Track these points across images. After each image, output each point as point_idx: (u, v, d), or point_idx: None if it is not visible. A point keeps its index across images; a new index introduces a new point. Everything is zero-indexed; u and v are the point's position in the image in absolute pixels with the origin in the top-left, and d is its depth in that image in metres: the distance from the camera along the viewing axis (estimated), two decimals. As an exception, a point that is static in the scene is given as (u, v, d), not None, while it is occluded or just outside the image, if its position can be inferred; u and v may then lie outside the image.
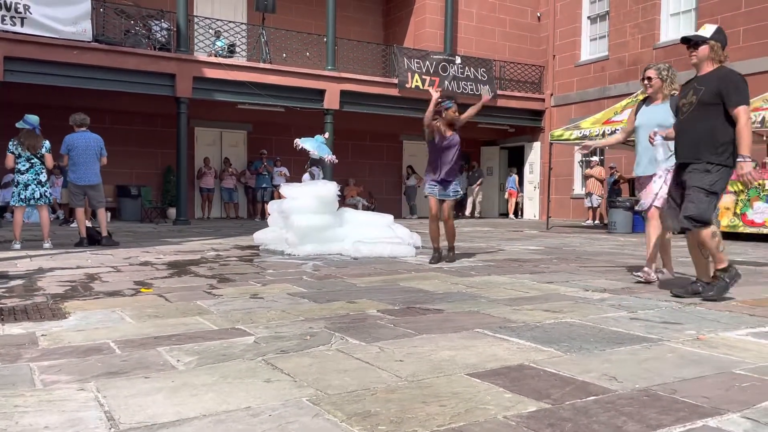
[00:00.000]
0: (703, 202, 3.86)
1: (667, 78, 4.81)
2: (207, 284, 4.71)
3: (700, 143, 3.92)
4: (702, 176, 3.89)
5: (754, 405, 1.98)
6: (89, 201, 8.24)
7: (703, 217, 3.86)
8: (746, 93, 3.84)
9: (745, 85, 3.86)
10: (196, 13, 16.12)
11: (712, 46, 3.97)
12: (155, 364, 2.46)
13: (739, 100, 3.82)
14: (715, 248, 3.93)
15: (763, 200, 9.84)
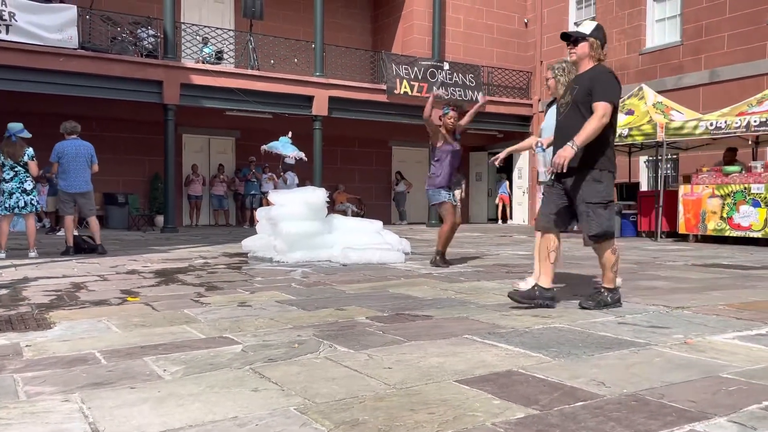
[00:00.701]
0: (602, 215, 3.71)
1: (562, 76, 4.53)
2: (194, 292, 4.67)
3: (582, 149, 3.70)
4: (593, 187, 3.71)
5: (740, 409, 1.99)
6: (80, 209, 8.16)
7: (608, 231, 3.74)
8: (613, 92, 3.68)
9: (615, 85, 3.72)
10: (183, 19, 16.07)
11: (591, 43, 3.80)
12: (141, 374, 2.43)
13: (600, 95, 3.65)
14: (610, 266, 3.81)
15: (749, 204, 9.93)
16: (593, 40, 3.79)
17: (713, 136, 10.64)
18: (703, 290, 4.76)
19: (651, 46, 15.83)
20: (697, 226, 10.65)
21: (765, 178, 9.81)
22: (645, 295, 4.48)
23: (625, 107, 12.40)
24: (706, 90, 14.32)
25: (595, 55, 3.81)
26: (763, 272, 6.04)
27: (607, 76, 3.73)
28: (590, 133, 3.59)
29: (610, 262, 3.80)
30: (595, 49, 3.80)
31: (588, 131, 3.59)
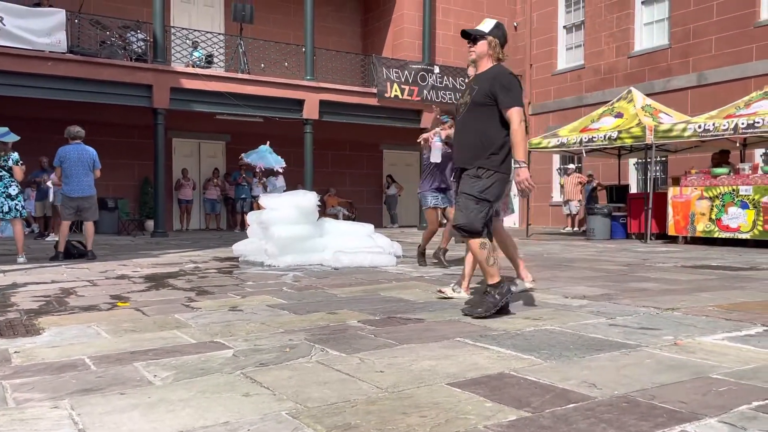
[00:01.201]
0: (472, 210, 3.59)
1: None
2: (185, 297, 4.65)
3: (472, 147, 3.66)
4: (472, 182, 3.62)
5: (731, 409, 2.00)
6: (81, 213, 8.13)
7: (473, 226, 3.59)
8: (518, 93, 3.59)
9: (517, 85, 3.63)
10: (172, 23, 16.03)
11: (490, 41, 3.72)
12: (131, 380, 2.41)
13: (510, 101, 3.56)
14: (484, 260, 3.64)
15: (737, 205, 10.01)
16: (491, 39, 3.72)
17: (701, 138, 10.73)
18: (692, 291, 4.79)
19: (639, 50, 15.96)
20: (686, 227, 10.72)
21: (753, 179, 9.90)
22: (635, 297, 4.50)
23: (614, 110, 12.48)
24: (694, 93, 14.45)
25: (494, 54, 3.73)
26: (751, 273, 6.09)
27: (510, 79, 3.63)
28: (523, 142, 3.54)
29: (483, 256, 3.63)
30: (494, 47, 3.72)
31: (519, 143, 3.54)
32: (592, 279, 5.66)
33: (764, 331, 3.25)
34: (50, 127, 14.54)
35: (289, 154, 17.98)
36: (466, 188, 3.63)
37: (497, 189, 3.63)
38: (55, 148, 8.28)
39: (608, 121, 12.21)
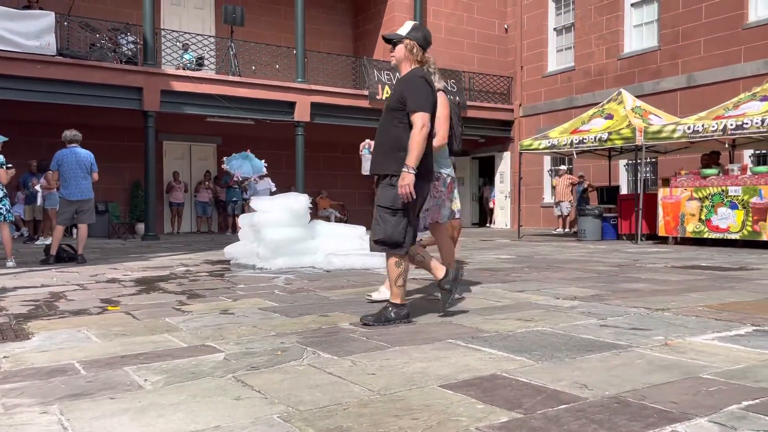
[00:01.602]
0: (389, 222, 3.43)
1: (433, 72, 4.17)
2: (176, 300, 4.63)
3: (386, 153, 3.51)
4: (386, 192, 3.46)
5: (721, 409, 2.01)
6: (78, 216, 8.11)
7: (392, 238, 3.44)
8: (425, 98, 3.43)
9: (425, 89, 3.45)
10: (163, 26, 15.98)
11: (407, 44, 3.57)
12: (122, 385, 2.40)
13: (414, 105, 3.41)
14: (394, 279, 3.50)
15: (726, 206, 10.08)
16: (408, 41, 3.58)
17: (691, 139, 10.80)
18: (682, 292, 4.82)
19: (629, 51, 16.05)
20: (676, 228, 10.79)
21: (742, 180, 9.97)
22: (626, 298, 4.52)
23: (604, 112, 12.55)
24: (684, 94, 14.54)
25: (413, 57, 3.59)
26: (741, 273, 6.13)
27: (418, 82, 3.47)
28: (417, 149, 3.36)
29: (394, 274, 3.49)
30: (411, 50, 3.58)
31: (415, 149, 3.36)
32: (583, 280, 5.69)
33: (754, 331, 3.27)
34: (40, 130, 14.46)
35: (281, 156, 17.99)
36: (380, 200, 3.49)
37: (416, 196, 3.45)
38: (45, 152, 8.25)
39: (598, 122, 12.27)
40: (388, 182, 3.47)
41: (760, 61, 13.07)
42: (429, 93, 3.47)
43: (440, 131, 4.08)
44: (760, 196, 9.65)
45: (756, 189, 9.72)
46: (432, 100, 3.48)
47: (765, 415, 1.95)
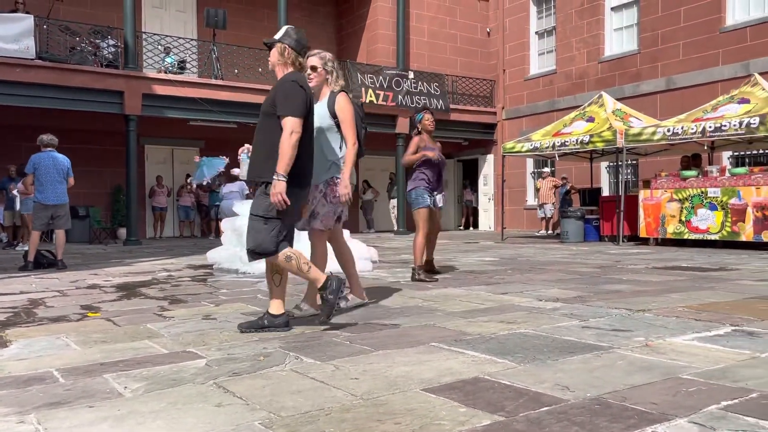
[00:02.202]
0: (260, 231, 3.34)
1: (333, 70, 4.11)
2: (158, 306, 4.58)
3: (261, 159, 3.41)
4: (259, 200, 3.39)
5: (700, 409, 2.03)
6: (54, 221, 7.99)
7: (263, 247, 3.35)
8: (296, 102, 3.32)
9: (297, 95, 3.34)
10: (144, 29, 15.86)
11: (278, 47, 3.52)
12: (101, 392, 2.37)
13: (283, 109, 3.32)
14: (298, 270, 3.41)
15: (706, 207, 10.21)
16: (280, 45, 3.51)
17: (670, 141, 10.93)
18: (663, 292, 4.87)
19: (610, 55, 16.22)
20: (657, 229, 10.90)
21: (721, 182, 10.11)
22: (608, 299, 4.56)
23: (586, 114, 12.66)
24: (663, 97, 14.72)
25: (285, 60, 3.51)
26: (720, 274, 6.21)
27: (289, 86, 3.38)
28: (287, 154, 3.28)
29: (295, 268, 3.42)
30: (282, 53, 3.51)
31: (284, 155, 3.27)
32: (566, 281, 5.72)
33: (733, 331, 3.32)
34: (19, 134, 14.27)
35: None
36: (253, 207, 3.42)
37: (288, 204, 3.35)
38: (24, 156, 8.14)
39: (580, 125, 12.38)
40: (263, 190, 3.38)
41: (738, 64, 13.27)
42: (301, 97, 3.35)
43: (348, 136, 3.97)
44: (739, 197, 9.79)
45: (734, 190, 9.86)
46: (305, 104, 3.36)
47: (743, 415, 1.97)
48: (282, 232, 3.40)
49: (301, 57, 3.58)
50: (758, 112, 9.55)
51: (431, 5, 18.72)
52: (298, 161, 3.38)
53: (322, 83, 4.08)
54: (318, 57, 4.08)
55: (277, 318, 3.50)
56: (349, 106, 4.02)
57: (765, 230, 9.48)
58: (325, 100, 4.05)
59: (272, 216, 3.34)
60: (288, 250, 3.41)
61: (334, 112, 4.00)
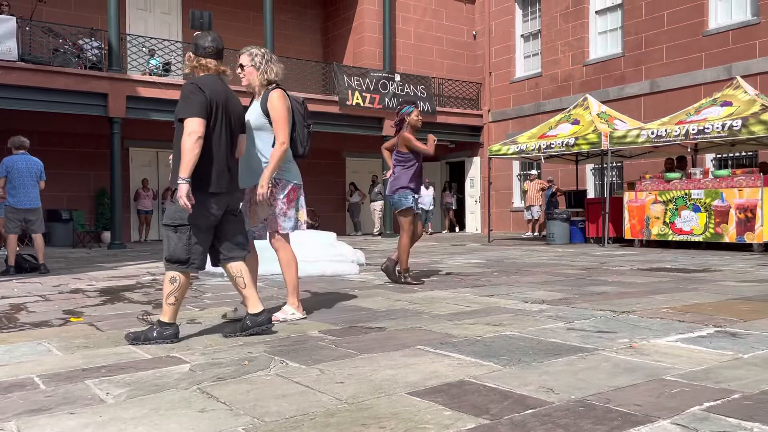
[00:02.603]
0: (171, 239, 3.30)
1: (260, 65, 3.96)
2: (142, 311, 4.54)
3: (175, 167, 3.34)
4: (168, 208, 3.33)
5: (683, 411, 2.04)
6: (28, 226, 7.86)
7: (175, 256, 3.29)
8: (192, 103, 3.26)
9: (194, 94, 3.28)
10: (128, 31, 15.76)
11: (188, 54, 3.51)
12: (82, 399, 2.34)
13: (181, 112, 3.27)
14: (165, 295, 3.32)
15: (690, 209, 10.31)
16: (188, 53, 3.51)
17: (654, 144, 11.02)
18: (647, 294, 4.90)
19: (594, 58, 16.34)
20: (641, 231, 10.99)
21: (704, 184, 10.21)
22: (593, 301, 4.58)
23: (571, 117, 12.75)
24: (647, 100, 14.86)
25: (192, 66, 3.49)
26: (704, 275, 6.26)
27: (186, 89, 3.32)
28: (186, 156, 3.20)
29: (167, 290, 3.32)
30: (190, 59, 3.49)
31: (183, 157, 3.20)
32: (552, 283, 5.75)
33: (716, 332, 3.34)
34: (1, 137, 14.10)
35: (250, 162, 17.83)
36: (164, 218, 3.37)
37: (197, 210, 3.28)
38: (6, 160, 8.01)
39: (565, 127, 12.46)
40: (172, 198, 3.31)
41: (720, 68, 13.43)
42: (198, 97, 3.27)
43: (278, 134, 3.79)
44: (722, 199, 9.89)
45: (717, 192, 9.96)
46: (203, 104, 3.27)
47: (726, 416, 1.99)
48: (193, 240, 3.31)
49: (208, 59, 3.45)
50: (740, 115, 9.66)
51: (417, 8, 18.77)
52: (205, 164, 3.30)
53: (255, 81, 3.95)
54: (246, 54, 3.98)
55: (259, 316, 3.47)
56: (281, 103, 3.82)
57: (747, 231, 9.59)
58: (261, 98, 3.91)
59: (180, 224, 3.28)
60: (184, 272, 3.31)
61: (267, 110, 3.83)
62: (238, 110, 3.56)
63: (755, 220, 9.50)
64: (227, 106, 3.44)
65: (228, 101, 3.46)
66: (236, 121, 3.53)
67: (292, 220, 3.96)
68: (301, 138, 4.02)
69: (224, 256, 3.51)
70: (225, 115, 3.42)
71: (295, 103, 4.02)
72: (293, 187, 3.96)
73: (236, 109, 3.54)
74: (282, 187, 3.90)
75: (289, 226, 3.95)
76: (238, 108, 3.57)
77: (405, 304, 4.59)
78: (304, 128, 4.05)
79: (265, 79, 3.93)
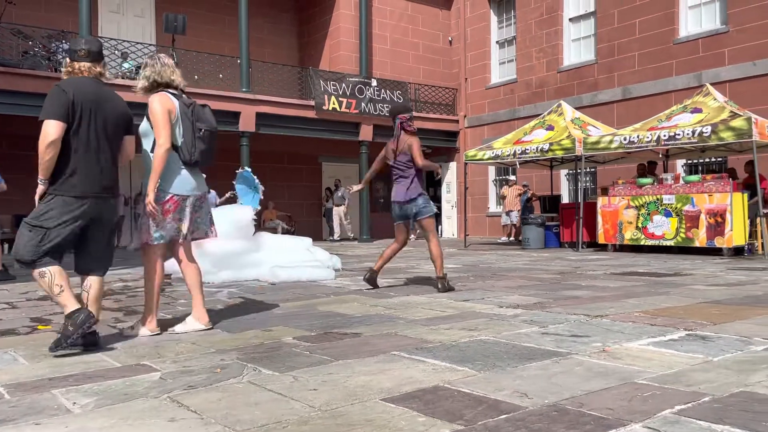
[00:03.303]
0: (22, 237, 3.22)
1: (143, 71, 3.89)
2: (112, 318, 4.46)
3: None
4: (37, 206, 3.28)
5: (654, 414, 2.06)
6: None
7: (20, 254, 3.22)
8: (51, 105, 3.22)
9: (55, 96, 3.25)
10: (100, 34, 15.53)
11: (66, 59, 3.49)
12: (48, 409, 2.28)
13: (42, 114, 3.24)
14: (49, 290, 3.23)
15: (661, 214, 10.47)
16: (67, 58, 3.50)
17: (627, 149, 11.18)
18: (620, 298, 4.95)
19: (568, 65, 16.54)
20: (615, 236, 11.12)
21: (675, 189, 10.38)
22: (567, 305, 4.62)
23: (545, 123, 12.88)
24: (620, 106, 15.07)
25: (66, 71, 3.47)
26: (675, 279, 6.36)
27: (52, 90, 3.30)
28: (40, 158, 3.19)
29: (45, 286, 3.23)
30: (65, 64, 3.48)
31: (41, 158, 3.19)
32: (527, 288, 5.78)
33: (687, 336, 3.39)
34: (-32, 140, 13.77)
35: (225, 167, 17.66)
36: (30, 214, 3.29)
37: (57, 212, 3.21)
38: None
39: (540, 133, 12.58)
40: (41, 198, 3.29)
41: (691, 75, 13.69)
42: (58, 99, 3.23)
43: (156, 137, 3.64)
44: (692, 204, 10.07)
45: (688, 197, 10.13)
46: (63, 106, 3.21)
47: (697, 419, 2.01)
48: (44, 243, 3.21)
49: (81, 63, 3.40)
50: (710, 122, 9.85)
51: (394, 14, 18.81)
52: (68, 166, 3.24)
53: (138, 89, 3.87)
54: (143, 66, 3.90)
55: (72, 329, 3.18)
56: (158, 106, 3.67)
57: (717, 236, 9.76)
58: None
59: (36, 224, 3.21)
60: (46, 267, 3.21)
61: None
62: (117, 112, 3.45)
63: (725, 225, 9.68)
64: (99, 107, 3.34)
65: (101, 102, 3.36)
66: (112, 124, 3.41)
67: (166, 230, 3.73)
68: (188, 144, 3.75)
69: (82, 268, 3.46)
70: (94, 116, 3.31)
71: (183, 106, 3.81)
72: (173, 198, 3.72)
73: (115, 111, 3.43)
74: (158, 197, 3.68)
75: (162, 236, 3.72)
76: (118, 110, 3.47)
77: (381, 310, 4.58)
78: (193, 133, 3.78)
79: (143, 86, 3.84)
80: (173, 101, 3.76)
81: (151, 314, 3.80)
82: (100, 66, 3.47)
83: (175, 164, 3.73)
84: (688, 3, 14.13)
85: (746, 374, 2.55)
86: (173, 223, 3.75)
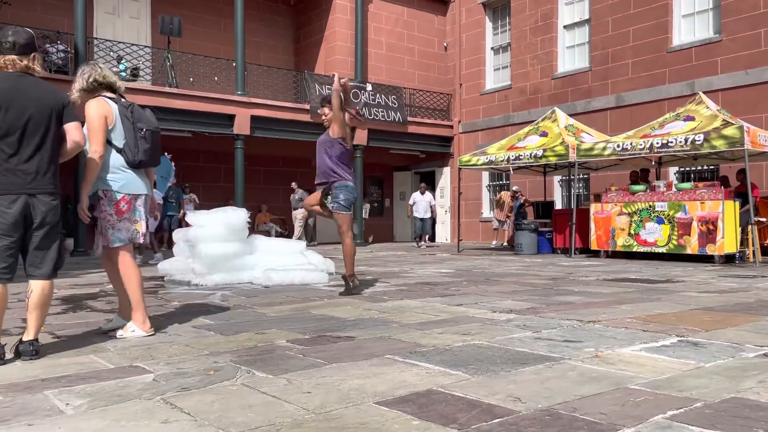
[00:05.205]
0: None
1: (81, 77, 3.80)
2: (105, 319, 4.44)
3: None
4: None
5: (647, 419, 2.07)
6: None
7: None
8: None
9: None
10: (95, 35, 15.49)
11: None
12: (41, 410, 2.27)
13: None
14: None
15: (654, 221, 10.52)
16: None
17: (620, 156, 11.24)
18: (613, 304, 4.97)
19: (562, 71, 16.62)
20: (607, 242, 11.17)
21: (668, 196, 10.44)
22: (560, 310, 4.63)
23: (539, 129, 12.94)
24: (613, 113, 15.16)
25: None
26: (667, 285, 6.39)
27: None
28: None
29: None
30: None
31: None
32: (520, 293, 5.80)
33: (678, 342, 3.41)
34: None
35: (220, 169, 17.67)
36: None
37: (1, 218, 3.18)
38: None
39: (534, 139, 12.63)
40: None
41: (684, 83, 13.78)
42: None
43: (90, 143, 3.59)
44: (684, 211, 10.13)
45: (680, 205, 10.19)
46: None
47: (688, 424, 2.02)
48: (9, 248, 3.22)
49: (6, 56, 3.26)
50: (703, 130, 9.92)
51: (389, 19, 18.87)
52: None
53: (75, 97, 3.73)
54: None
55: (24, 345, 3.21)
56: (93, 111, 3.63)
57: (709, 243, 9.82)
58: None
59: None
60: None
61: None
62: (42, 103, 3.23)
63: (716, 233, 9.74)
64: (19, 102, 3.17)
65: (20, 96, 3.18)
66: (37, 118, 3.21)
67: (123, 231, 3.74)
68: (131, 144, 3.71)
69: (27, 271, 3.41)
70: (14, 111, 3.15)
71: (122, 108, 3.76)
72: (124, 198, 3.72)
73: (40, 103, 3.23)
74: (109, 198, 3.68)
75: (119, 238, 3.74)
76: (44, 101, 3.24)
77: (374, 314, 4.58)
78: (135, 134, 3.73)
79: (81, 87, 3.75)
80: (110, 105, 3.72)
81: (143, 314, 3.79)
82: (28, 59, 3.30)
83: (121, 166, 3.72)
84: (682, 12, 14.24)
85: (738, 380, 2.57)
86: (129, 224, 3.76)
